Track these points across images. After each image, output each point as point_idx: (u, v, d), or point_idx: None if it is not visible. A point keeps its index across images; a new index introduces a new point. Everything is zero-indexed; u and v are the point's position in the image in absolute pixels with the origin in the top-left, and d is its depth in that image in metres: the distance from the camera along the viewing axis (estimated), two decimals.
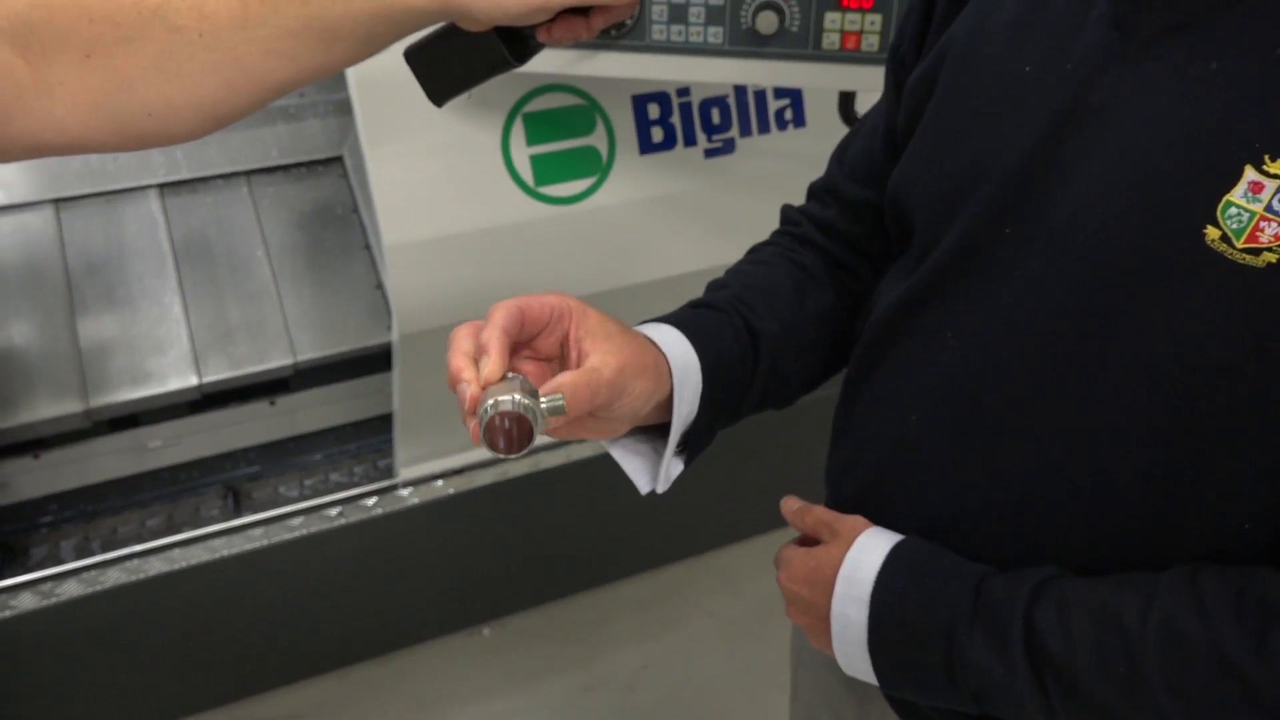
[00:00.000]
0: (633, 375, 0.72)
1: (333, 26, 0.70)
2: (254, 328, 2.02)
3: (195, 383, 1.94)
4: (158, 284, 2.02)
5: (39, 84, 0.69)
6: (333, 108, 2.28)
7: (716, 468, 1.81)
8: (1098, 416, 0.64)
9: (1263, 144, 0.55)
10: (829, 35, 1.14)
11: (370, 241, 2.14)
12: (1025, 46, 0.68)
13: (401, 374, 1.55)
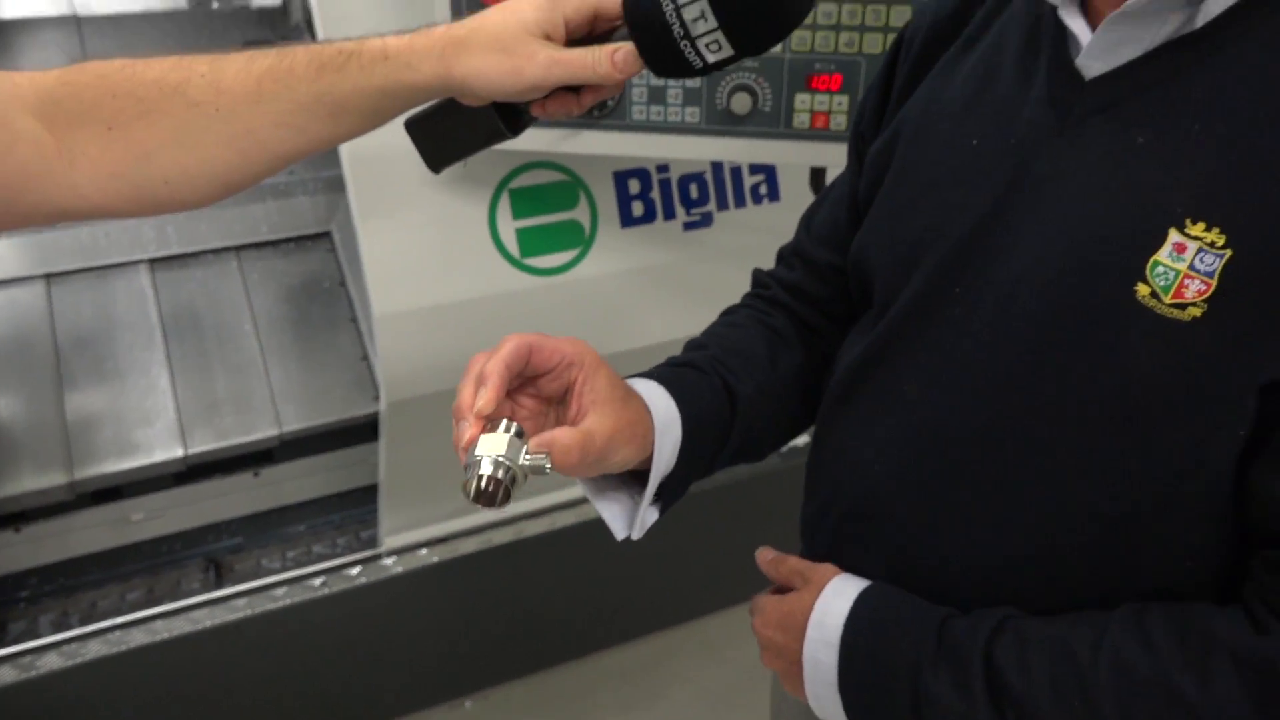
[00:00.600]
0: (622, 443, 0.77)
1: (340, 101, 0.76)
2: (240, 399, 2.06)
3: (181, 454, 1.97)
4: (146, 357, 2.06)
5: (63, 154, 0.74)
6: (322, 185, 2.36)
7: (698, 535, 1.85)
8: (1049, 461, 0.69)
9: (1184, 209, 0.61)
10: (799, 115, 1.22)
11: (357, 314, 2.19)
12: (973, 123, 0.75)
13: (388, 442, 1.59)
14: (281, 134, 0.77)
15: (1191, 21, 0.62)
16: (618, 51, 0.74)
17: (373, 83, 0.75)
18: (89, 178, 0.75)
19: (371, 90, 0.76)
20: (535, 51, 0.74)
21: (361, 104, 0.77)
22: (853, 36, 1.17)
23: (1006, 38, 0.75)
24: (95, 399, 1.99)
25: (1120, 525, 0.68)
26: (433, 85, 0.76)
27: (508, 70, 0.74)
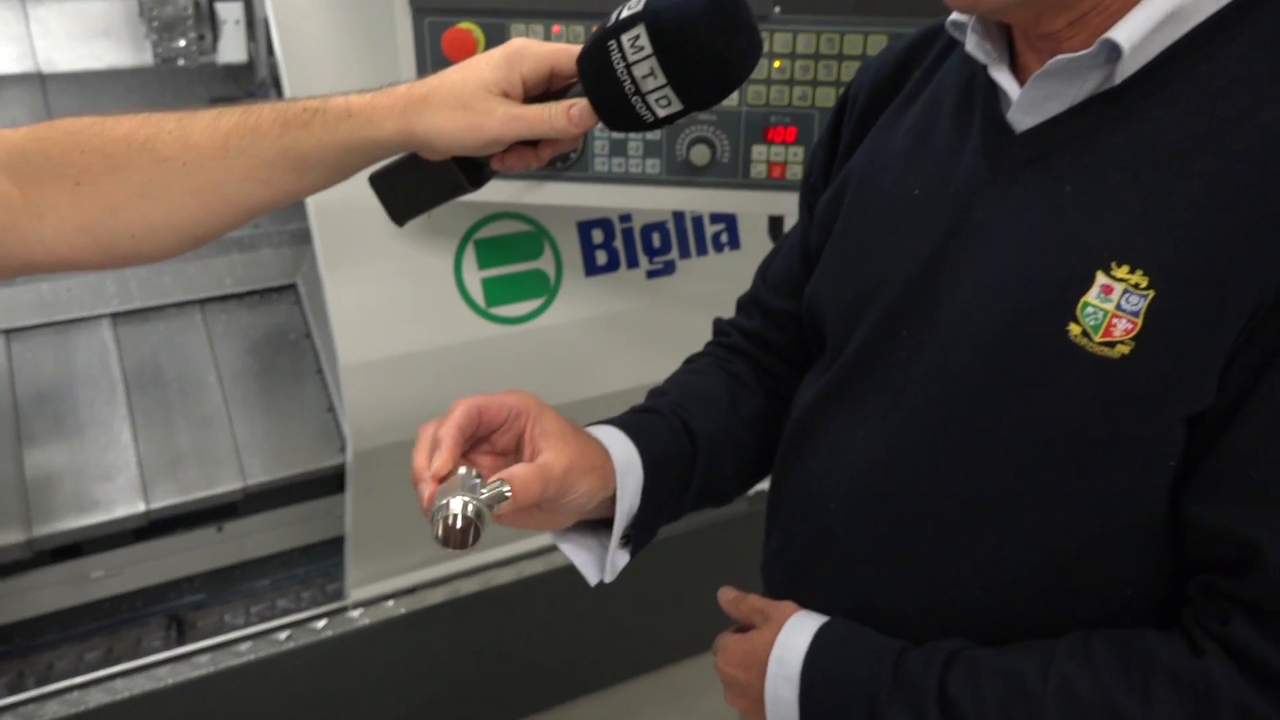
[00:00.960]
0: (580, 474, 0.80)
1: (305, 156, 0.79)
2: (204, 452, 2.05)
3: (142, 509, 1.96)
4: (107, 411, 2.05)
5: (30, 209, 0.76)
6: (287, 237, 2.38)
7: (665, 583, 1.87)
8: (993, 497, 0.73)
9: (1109, 253, 0.66)
10: (756, 165, 1.27)
11: (322, 365, 2.20)
12: (914, 174, 0.79)
13: (355, 492, 1.59)
14: (247, 188, 0.79)
15: (1110, 79, 0.67)
16: (573, 107, 0.77)
17: (336, 138, 0.78)
18: (56, 232, 0.77)
19: (335, 146, 0.79)
20: (493, 108, 0.77)
21: (325, 159, 0.80)
22: (806, 90, 1.23)
23: (942, 94, 0.80)
24: (55, 455, 1.97)
25: (1063, 556, 0.72)
26: (395, 141, 0.79)
27: (466, 126, 0.77)
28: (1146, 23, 0.64)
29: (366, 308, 1.43)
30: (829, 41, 1.20)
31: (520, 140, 0.81)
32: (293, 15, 1.37)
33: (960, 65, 0.79)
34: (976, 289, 0.72)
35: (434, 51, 1.25)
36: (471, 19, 1.23)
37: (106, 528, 1.95)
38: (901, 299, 0.78)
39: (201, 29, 2.06)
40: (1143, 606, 0.72)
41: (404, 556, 1.75)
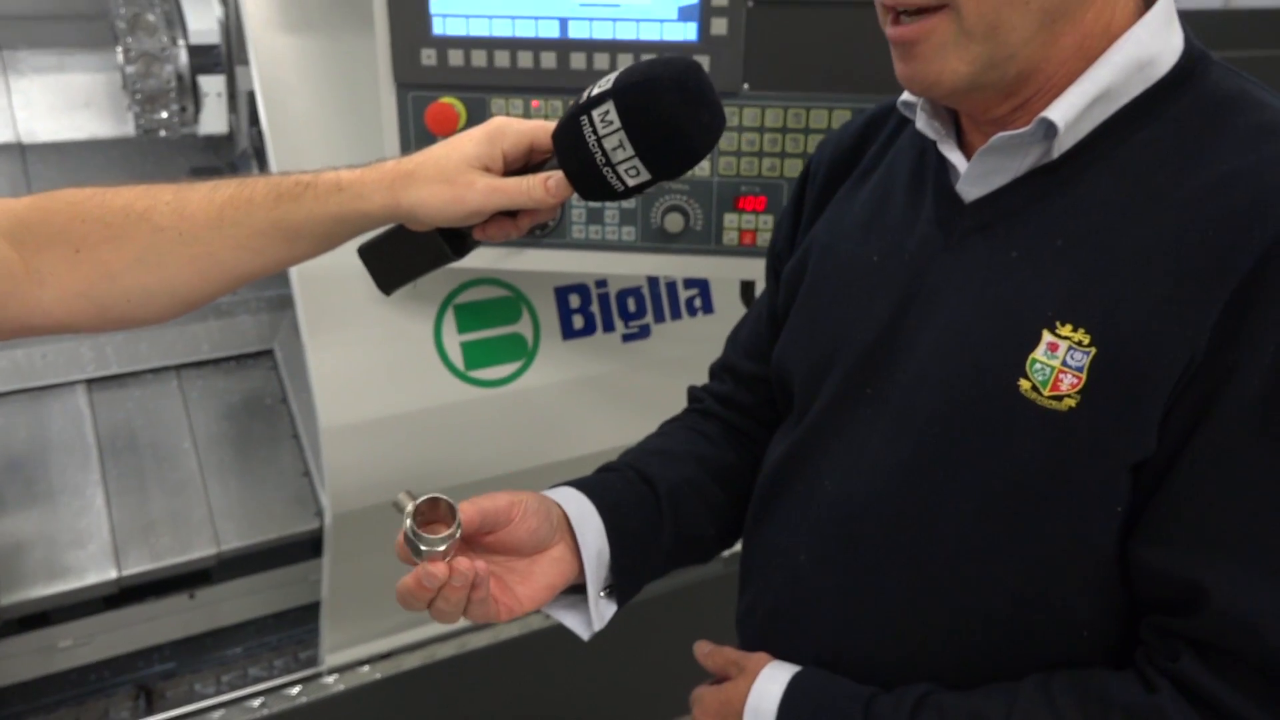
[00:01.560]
0: (524, 514, 0.85)
1: (296, 227, 0.83)
2: (178, 518, 2.06)
3: (114, 575, 1.96)
4: (81, 477, 2.06)
5: (31, 275, 0.80)
6: (265, 303, 2.42)
7: (644, 645, 1.89)
8: (953, 546, 0.78)
9: (1054, 313, 0.72)
10: (728, 232, 1.33)
11: (298, 430, 2.23)
12: (872, 242, 0.86)
13: (332, 556, 1.61)
14: (240, 256, 0.84)
15: (1049, 153, 0.74)
16: (550, 179, 0.83)
17: (327, 211, 0.83)
18: (56, 296, 0.81)
19: (325, 218, 0.84)
20: (474, 181, 0.83)
21: (316, 230, 0.85)
22: (775, 162, 1.30)
23: (897, 167, 0.87)
24: (26, 521, 1.97)
25: (1022, 601, 0.76)
26: (382, 213, 0.85)
27: (450, 198, 0.82)
28: (1078, 103, 0.71)
29: (347, 371, 1.47)
30: (796, 116, 1.28)
31: (500, 211, 0.86)
32: (278, 89, 1.44)
33: (912, 141, 0.86)
34: (933, 348, 0.78)
35: (417, 124, 1.31)
36: (454, 94, 1.30)
37: (77, 595, 1.94)
38: (864, 359, 0.84)
39: (184, 101, 2.12)
40: (1100, 647, 0.76)
41: (380, 620, 1.76)
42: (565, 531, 0.90)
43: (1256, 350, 0.66)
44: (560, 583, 0.89)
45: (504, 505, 0.83)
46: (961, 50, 0.71)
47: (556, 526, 0.89)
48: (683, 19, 1.24)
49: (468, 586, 0.78)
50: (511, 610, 0.85)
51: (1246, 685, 0.68)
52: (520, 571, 0.86)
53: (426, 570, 0.76)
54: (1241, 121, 0.71)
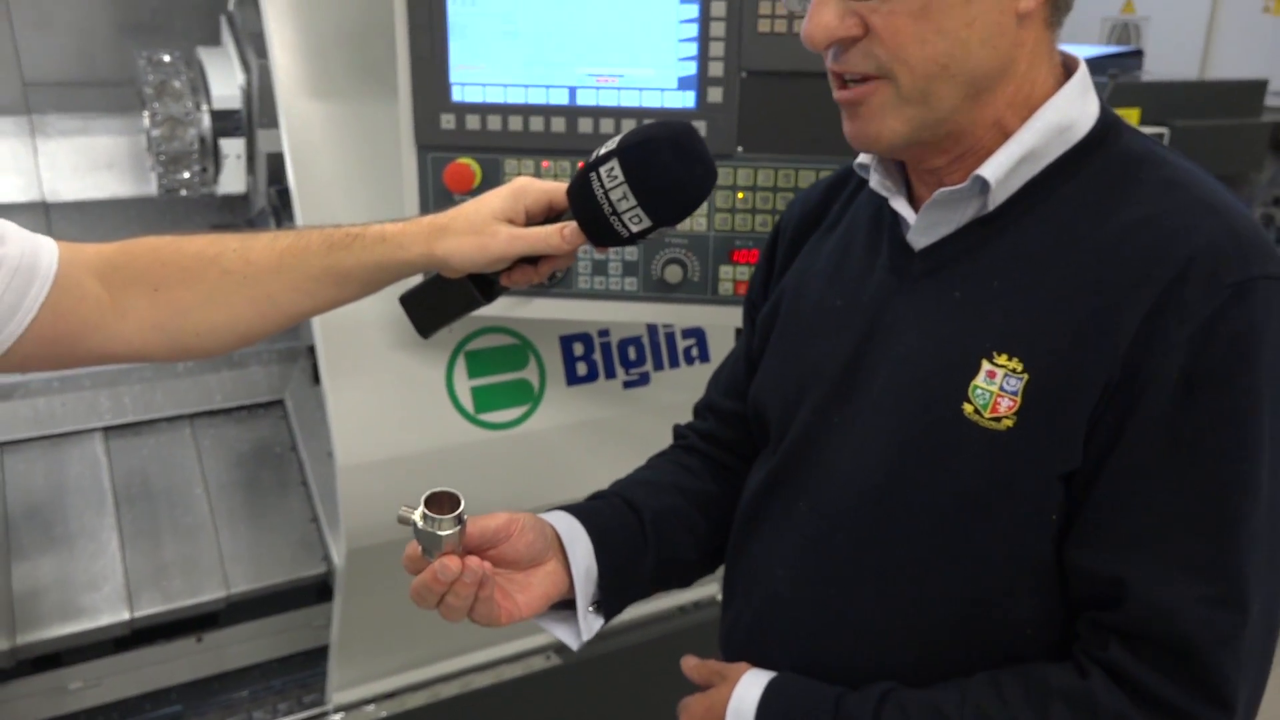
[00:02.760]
0: (522, 529, 0.98)
1: (345, 273, 0.98)
2: (189, 562, 2.18)
3: (127, 617, 2.07)
4: (96, 522, 2.19)
5: (116, 309, 0.95)
6: (276, 355, 2.56)
7: (637, 690, 1.99)
8: (911, 555, 0.90)
9: (992, 344, 0.85)
10: (724, 283, 1.48)
11: (307, 477, 2.36)
12: (836, 288, 1.00)
13: (345, 592, 1.73)
14: (295, 298, 0.99)
15: (985, 206, 0.88)
16: (565, 227, 0.98)
17: (373, 258, 0.98)
18: (136, 329, 0.96)
19: (371, 265, 0.99)
20: (499, 231, 0.98)
21: (362, 275, 1.00)
22: (766, 218, 1.46)
23: (857, 222, 1.02)
24: (43, 565, 2.09)
25: (972, 604, 0.89)
26: (420, 261, 0.99)
27: (477, 246, 0.97)
28: (1007, 162, 0.86)
29: (364, 413, 1.61)
30: (785, 176, 1.44)
31: (523, 258, 1.01)
32: (306, 150, 1.60)
33: (869, 198, 1.00)
34: (889, 379, 0.92)
35: (436, 183, 1.47)
36: (470, 155, 1.46)
37: (91, 636, 2.05)
38: (830, 392, 0.97)
39: (205, 162, 2.29)
40: (1043, 644, 0.88)
41: (389, 658, 1.87)
42: (558, 549, 1.03)
43: (1161, 374, 0.79)
44: (554, 593, 1.01)
45: (502, 522, 0.96)
46: (898, 112, 0.85)
47: (550, 544, 1.02)
48: (682, 88, 1.41)
49: (476, 582, 0.90)
50: (511, 615, 0.98)
51: (1164, 667, 0.80)
52: (519, 582, 0.99)
53: (442, 563, 0.89)
54: (1147, 177, 0.85)
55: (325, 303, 1.01)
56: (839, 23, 0.84)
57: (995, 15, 0.82)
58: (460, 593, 0.91)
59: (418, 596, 0.92)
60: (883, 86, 0.85)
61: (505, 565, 0.98)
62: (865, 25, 0.83)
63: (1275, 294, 0.79)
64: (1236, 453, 0.79)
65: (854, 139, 0.89)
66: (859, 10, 0.83)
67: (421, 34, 1.41)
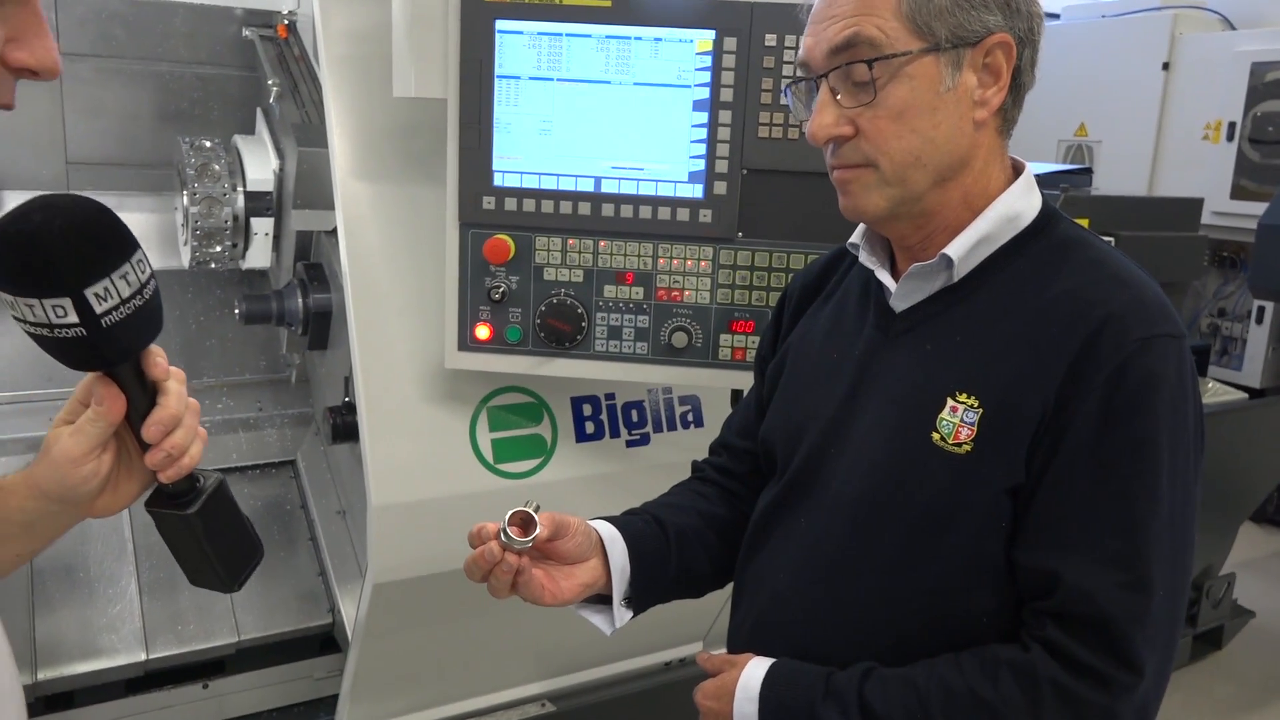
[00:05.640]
0: (575, 532, 1.21)
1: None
2: (203, 609, 2.34)
3: (143, 658, 2.22)
4: (117, 568, 2.34)
5: None
6: (289, 419, 2.76)
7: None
8: (889, 558, 1.12)
9: (955, 385, 1.09)
10: (723, 349, 1.72)
11: (316, 533, 2.53)
12: (832, 345, 1.25)
13: (366, 626, 1.90)
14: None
15: (951, 278, 1.13)
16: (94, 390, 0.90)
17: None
18: None
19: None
20: (60, 434, 0.90)
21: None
22: (762, 294, 1.71)
23: (850, 290, 1.27)
24: (65, 606, 2.24)
25: (939, 598, 1.11)
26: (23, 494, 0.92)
27: (51, 459, 0.89)
28: (967, 244, 1.11)
29: (396, 458, 1.81)
30: (779, 258, 1.70)
31: (110, 458, 0.92)
32: (357, 224, 1.84)
33: (859, 272, 1.26)
34: (874, 416, 1.16)
35: (475, 255, 1.71)
36: (507, 232, 1.71)
37: (109, 675, 2.19)
38: (826, 428, 1.21)
39: (236, 239, 2.52)
40: (998, 631, 1.10)
41: (399, 697, 2.03)
42: (599, 550, 1.26)
43: (1084, 407, 1.03)
44: (593, 584, 1.24)
45: (566, 521, 1.20)
46: (881, 192, 1.10)
47: (594, 546, 1.25)
48: (691, 181, 1.67)
49: (511, 573, 1.16)
50: (555, 596, 1.21)
51: (1088, 640, 1.02)
52: (564, 571, 1.23)
53: (487, 547, 1.14)
54: (1077, 257, 1.11)
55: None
56: (835, 124, 1.09)
57: (956, 120, 1.08)
58: (499, 577, 1.16)
59: (467, 569, 1.17)
60: (868, 172, 1.10)
61: (558, 558, 1.20)
62: (855, 126, 1.09)
63: (1172, 348, 1.04)
64: (1143, 470, 1.02)
65: (846, 211, 1.15)
66: (850, 115, 1.09)
67: (470, 129, 1.67)
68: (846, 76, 1.08)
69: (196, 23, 2.66)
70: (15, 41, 0.80)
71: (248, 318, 2.43)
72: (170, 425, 0.91)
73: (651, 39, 1.64)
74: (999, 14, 1.07)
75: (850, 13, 1.07)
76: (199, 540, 0.96)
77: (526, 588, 1.17)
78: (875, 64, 1.05)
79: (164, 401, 0.91)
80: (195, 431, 0.94)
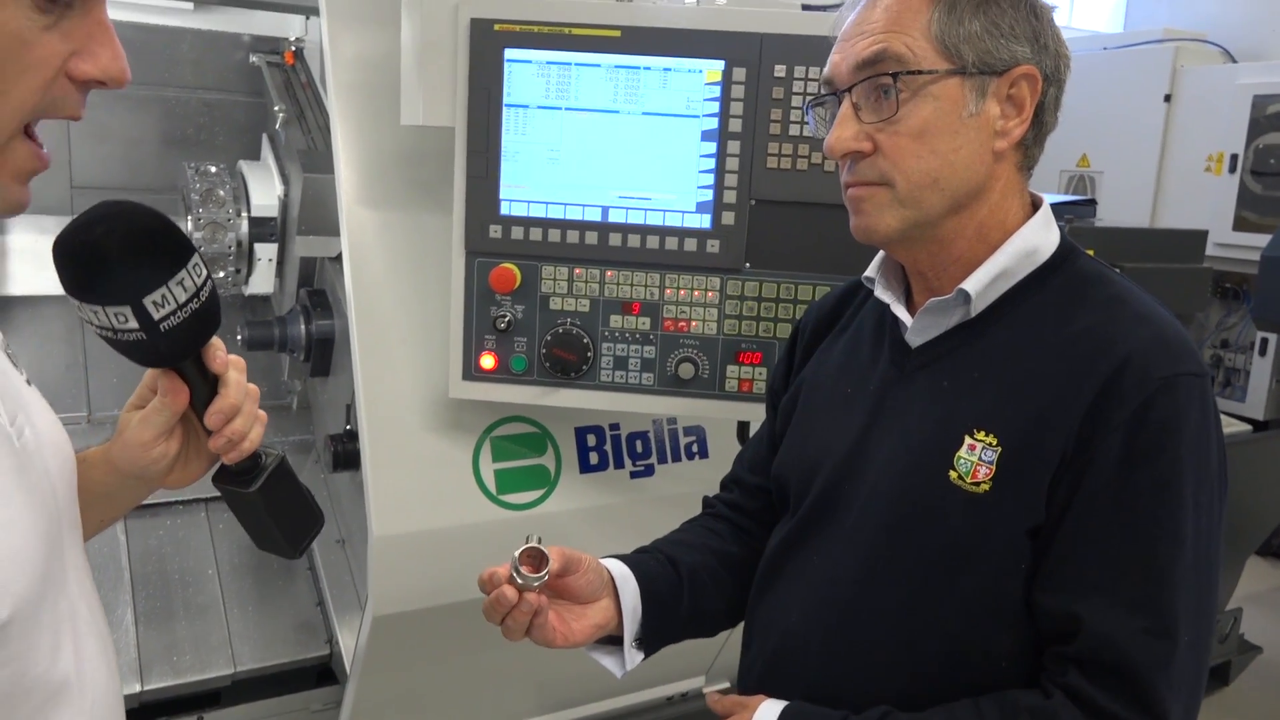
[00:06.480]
0: (586, 569, 1.19)
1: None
2: (199, 639, 2.30)
3: (138, 689, 2.18)
4: (113, 598, 2.31)
5: None
6: (291, 447, 2.73)
7: None
8: (905, 598, 1.09)
9: (972, 423, 1.07)
10: (730, 381, 1.70)
11: (315, 563, 2.49)
12: (846, 379, 1.22)
13: (366, 658, 1.86)
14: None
15: (968, 314, 1.11)
16: (158, 381, 0.98)
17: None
18: None
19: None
20: (130, 419, 0.99)
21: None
22: (769, 325, 1.69)
23: (864, 324, 1.25)
24: None
25: (957, 641, 1.08)
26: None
27: (123, 442, 0.99)
28: (985, 278, 1.09)
29: (398, 488, 1.78)
30: (786, 289, 1.68)
31: (180, 438, 0.99)
32: (362, 251, 1.82)
33: (874, 306, 1.24)
34: (890, 454, 1.13)
35: (480, 283, 1.69)
36: (513, 261, 1.68)
37: None
38: (841, 465, 1.18)
39: (240, 264, 2.50)
40: (1017, 677, 1.07)
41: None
42: (611, 590, 1.23)
43: (1105, 448, 1.00)
44: (605, 626, 1.21)
45: (578, 556, 1.18)
46: (894, 212, 1.08)
47: (605, 585, 1.22)
48: (699, 211, 1.66)
49: (530, 613, 1.13)
50: (566, 638, 1.18)
51: (1112, 687, 0.99)
52: (576, 612, 1.20)
53: (501, 591, 1.11)
54: (1096, 294, 1.09)
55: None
56: (855, 138, 1.08)
57: (976, 146, 1.07)
58: (516, 619, 1.13)
59: (486, 612, 1.14)
60: (883, 191, 1.08)
61: (568, 596, 1.17)
62: (874, 143, 1.07)
63: (1194, 387, 1.01)
64: (1165, 512, 1.00)
65: (857, 232, 1.13)
66: (870, 130, 1.07)
67: (478, 157, 1.65)
68: (870, 91, 1.07)
69: (203, 49, 2.65)
70: (80, 54, 0.80)
71: (250, 344, 2.40)
72: (230, 414, 0.96)
73: (660, 69, 1.62)
74: (1028, 47, 1.06)
75: (880, 29, 1.06)
76: (261, 513, 1.03)
77: (540, 630, 1.15)
78: (900, 78, 1.05)
79: (224, 391, 0.96)
80: (255, 416, 0.99)
